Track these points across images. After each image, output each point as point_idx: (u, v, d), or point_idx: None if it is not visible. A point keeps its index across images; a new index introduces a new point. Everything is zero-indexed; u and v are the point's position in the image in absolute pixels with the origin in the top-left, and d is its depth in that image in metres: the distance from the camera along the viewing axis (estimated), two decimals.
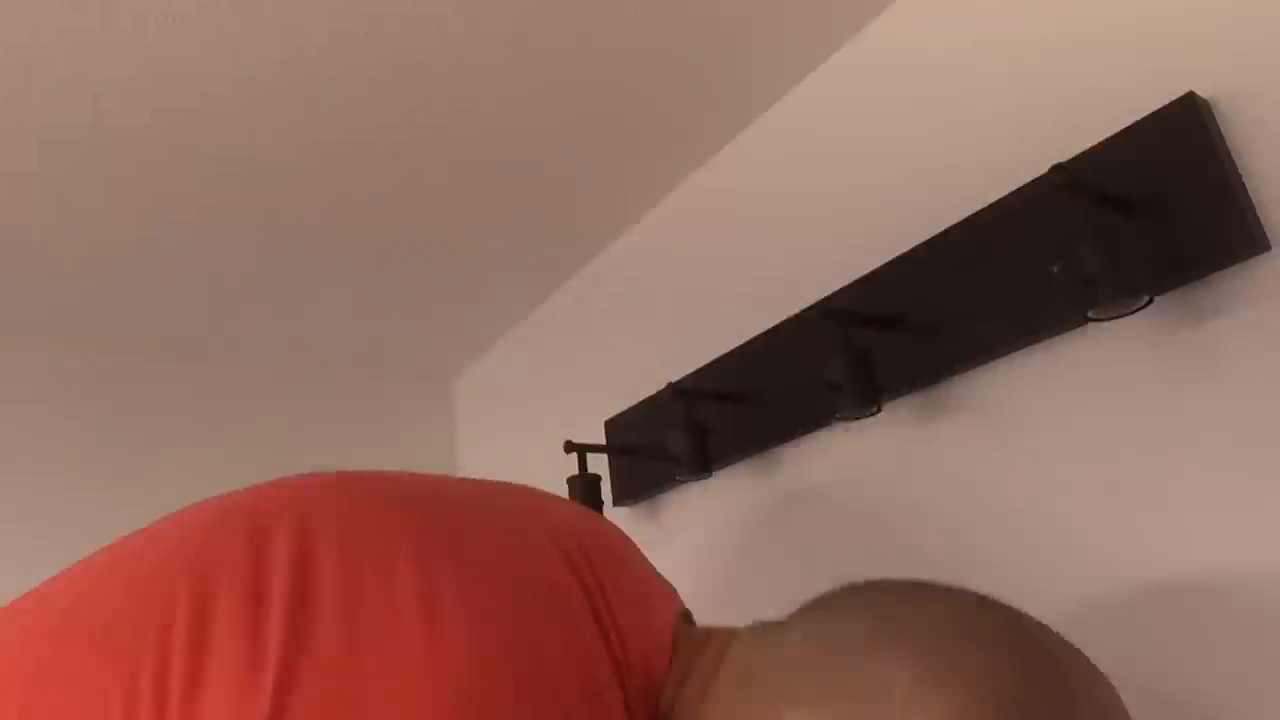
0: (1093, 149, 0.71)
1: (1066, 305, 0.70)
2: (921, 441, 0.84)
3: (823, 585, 0.91)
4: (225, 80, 0.92)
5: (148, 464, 1.40)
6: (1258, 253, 0.63)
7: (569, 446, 1.14)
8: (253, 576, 0.41)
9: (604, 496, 1.25)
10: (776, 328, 0.99)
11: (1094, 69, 0.74)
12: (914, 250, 0.84)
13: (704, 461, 0.98)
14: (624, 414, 1.23)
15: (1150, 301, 0.62)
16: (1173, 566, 0.65)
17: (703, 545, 1.09)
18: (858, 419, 0.85)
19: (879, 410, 0.80)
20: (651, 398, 1.18)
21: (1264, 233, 0.63)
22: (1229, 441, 0.63)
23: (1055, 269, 0.65)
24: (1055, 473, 0.73)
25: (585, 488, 1.13)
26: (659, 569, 1.16)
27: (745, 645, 0.53)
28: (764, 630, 0.53)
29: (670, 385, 1.00)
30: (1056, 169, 0.63)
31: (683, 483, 1.10)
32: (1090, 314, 0.62)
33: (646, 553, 1.18)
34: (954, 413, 0.82)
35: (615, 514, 1.25)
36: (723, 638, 0.55)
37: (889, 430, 0.87)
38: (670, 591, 0.63)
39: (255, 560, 0.42)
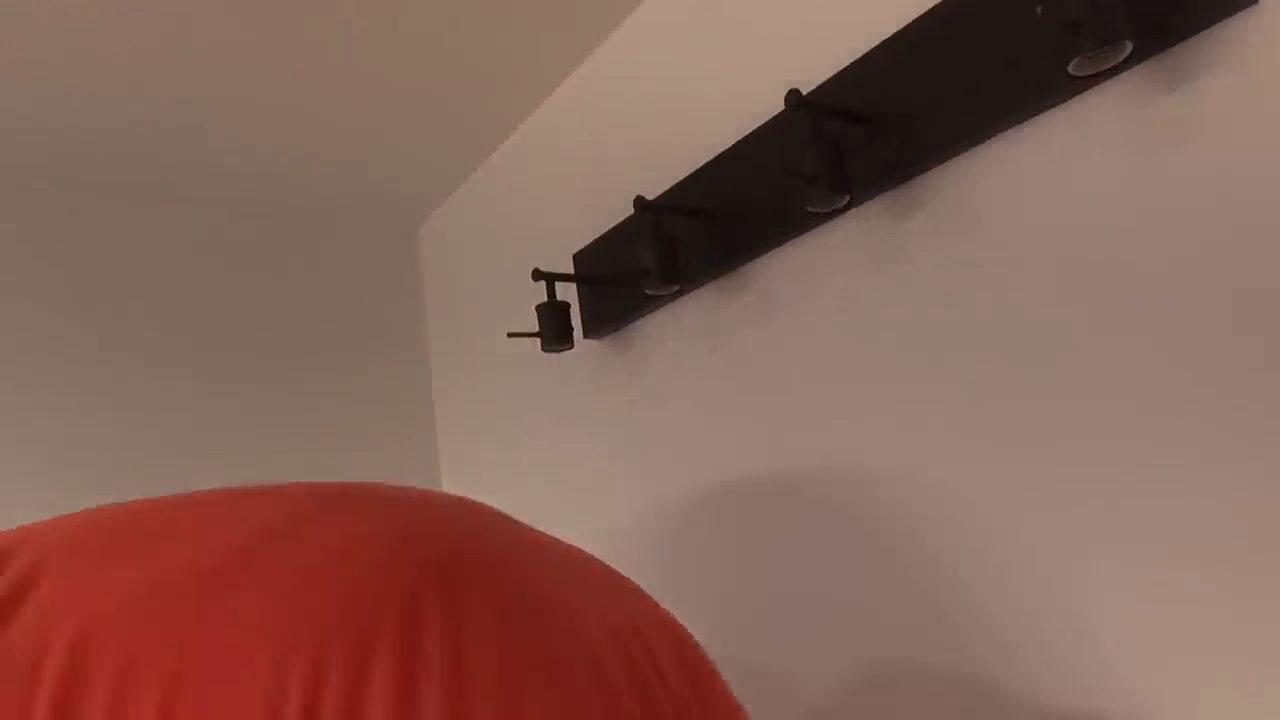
0: None
1: (1047, 71, 0.67)
2: (894, 244, 0.83)
3: (798, 407, 0.92)
4: None
5: (106, 306, 1.36)
6: (1244, 6, 0.61)
7: (537, 274, 1.11)
8: (409, 654, 0.40)
9: (574, 325, 1.24)
10: (745, 139, 0.96)
11: None
12: (890, 39, 0.81)
13: (673, 272, 0.96)
14: (592, 244, 1.20)
15: (1133, 52, 0.60)
16: (1153, 341, 0.66)
17: (674, 373, 1.09)
18: (830, 212, 0.84)
19: (850, 201, 0.79)
20: (619, 225, 1.15)
21: None
22: (1213, 209, 0.62)
23: (1039, 9, 0.62)
24: (1033, 261, 0.73)
25: (554, 314, 1.12)
26: (630, 402, 1.17)
27: None
28: None
29: (638, 199, 0.97)
30: None
31: (653, 299, 1.08)
32: (1072, 68, 0.60)
33: (619, 385, 1.18)
34: (926, 210, 0.80)
35: (586, 346, 1.24)
36: None
37: (860, 233, 0.86)
38: None
39: (410, 635, 0.41)
